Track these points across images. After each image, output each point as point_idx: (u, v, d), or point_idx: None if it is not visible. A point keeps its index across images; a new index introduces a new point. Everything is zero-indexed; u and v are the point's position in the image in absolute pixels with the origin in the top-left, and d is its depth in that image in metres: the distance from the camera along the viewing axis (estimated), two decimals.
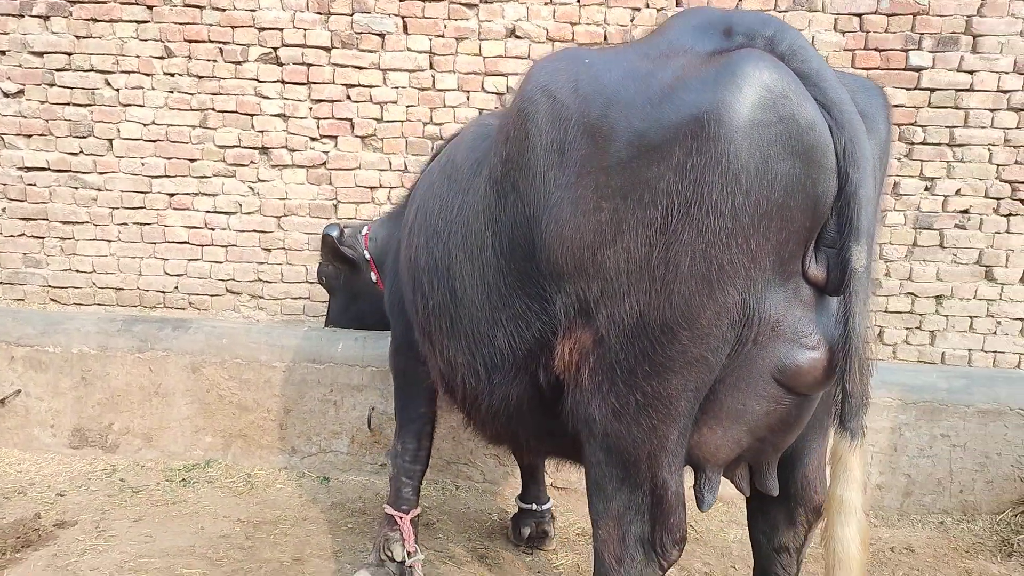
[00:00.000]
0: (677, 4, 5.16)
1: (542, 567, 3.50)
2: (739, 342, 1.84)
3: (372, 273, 4.11)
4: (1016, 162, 5.13)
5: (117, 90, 5.39)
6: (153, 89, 5.40)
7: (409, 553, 3.04)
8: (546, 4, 5.22)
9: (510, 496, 4.17)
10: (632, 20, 5.21)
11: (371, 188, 5.48)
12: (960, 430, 4.03)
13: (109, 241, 5.52)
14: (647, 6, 5.19)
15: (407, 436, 3.19)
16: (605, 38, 5.21)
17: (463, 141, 2.50)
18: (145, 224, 5.52)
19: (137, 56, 5.36)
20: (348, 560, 3.39)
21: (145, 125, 5.42)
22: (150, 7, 5.31)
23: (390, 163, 5.45)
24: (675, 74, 1.82)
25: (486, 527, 3.86)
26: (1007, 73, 5.06)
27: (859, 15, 5.12)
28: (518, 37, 5.27)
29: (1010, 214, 5.17)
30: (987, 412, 4.02)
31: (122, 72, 5.38)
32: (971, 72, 5.09)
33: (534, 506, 3.62)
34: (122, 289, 5.55)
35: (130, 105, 5.41)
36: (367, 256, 4.10)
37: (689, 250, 1.74)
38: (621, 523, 2.02)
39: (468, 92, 5.34)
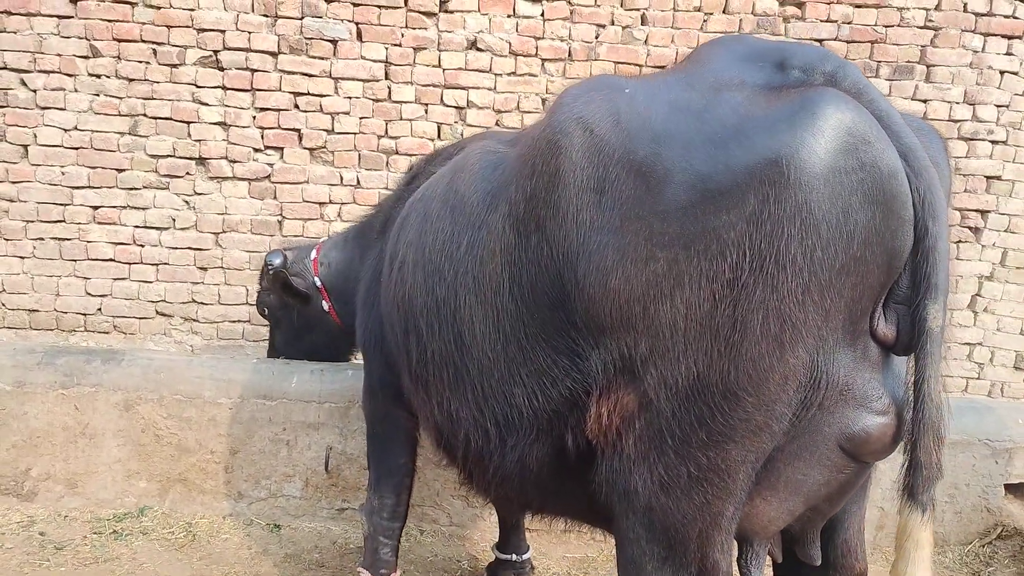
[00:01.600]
0: (643, 23, 5.04)
1: None
2: (804, 407, 1.67)
3: (324, 302, 3.78)
4: (965, 190, 5.24)
5: (34, 91, 4.87)
6: (76, 91, 4.90)
7: None
8: (509, 16, 5.01)
9: (479, 540, 3.92)
10: (597, 37, 5.06)
11: (320, 204, 5.13)
12: None
13: (22, 258, 4.97)
14: (612, 23, 5.05)
15: (384, 490, 2.88)
16: (569, 54, 5.05)
17: (467, 169, 2.24)
18: (64, 239, 4.99)
19: (58, 55, 4.85)
20: None
21: (66, 131, 4.91)
22: (73, 1, 4.82)
23: (341, 177, 5.12)
24: (736, 111, 1.64)
25: None
26: (958, 103, 5.17)
27: (820, 41, 5.12)
28: (479, 49, 5.03)
29: (959, 241, 5.27)
30: (956, 443, 4.02)
31: (40, 72, 4.86)
32: (924, 101, 5.17)
33: (513, 556, 3.38)
34: (36, 311, 5.01)
35: (49, 108, 4.89)
36: (317, 284, 3.77)
37: (761, 307, 1.55)
38: None
39: (426, 105, 5.07)
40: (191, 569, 3.39)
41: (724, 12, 5.06)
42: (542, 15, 5.01)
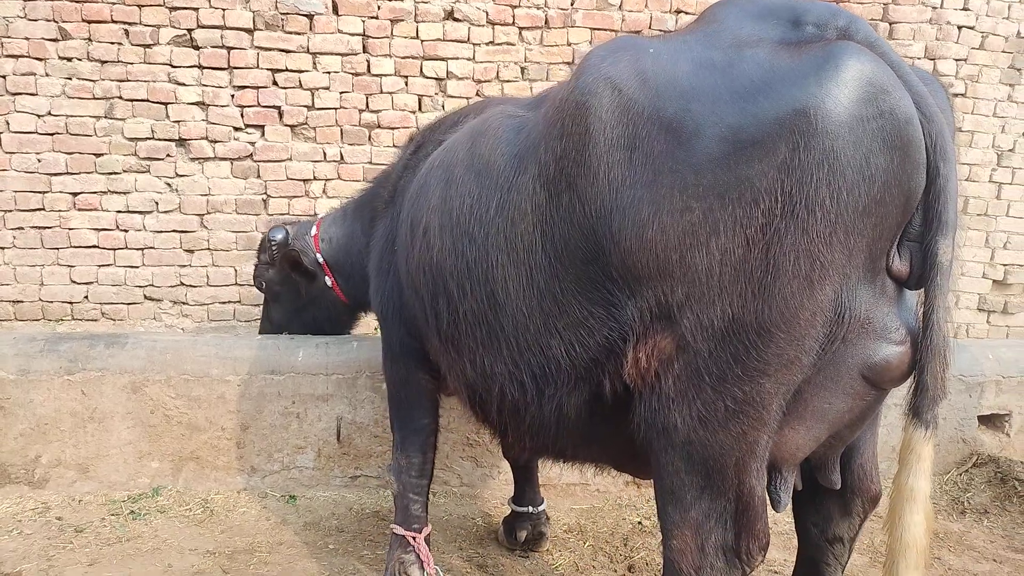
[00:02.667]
0: None
1: (542, 569, 3.40)
2: (830, 340, 1.80)
3: (327, 278, 3.84)
4: None
5: (3, 77, 4.76)
6: (47, 76, 4.81)
7: (430, 575, 2.85)
8: None
9: (490, 498, 4.05)
10: (572, 4, 5.14)
11: (304, 181, 5.14)
12: None
13: (3, 248, 4.90)
14: None
15: (411, 449, 2.98)
16: (546, 22, 5.11)
17: (489, 133, 2.31)
18: (45, 228, 4.93)
19: (26, 38, 4.75)
20: None
21: (40, 116, 4.83)
22: None
23: (324, 153, 5.13)
24: (761, 66, 1.74)
25: (474, 533, 3.71)
26: (919, 59, 5.38)
27: None
28: (457, 20, 5.07)
29: None
30: None
31: (8, 56, 4.76)
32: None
33: (530, 508, 3.50)
34: (20, 302, 4.95)
35: (20, 94, 4.80)
36: (319, 260, 3.84)
37: (793, 249, 1.68)
38: (700, 532, 1.94)
39: (406, 77, 5.09)
40: (214, 542, 3.45)
41: None
42: None
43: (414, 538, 2.90)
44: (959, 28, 5.33)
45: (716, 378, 1.81)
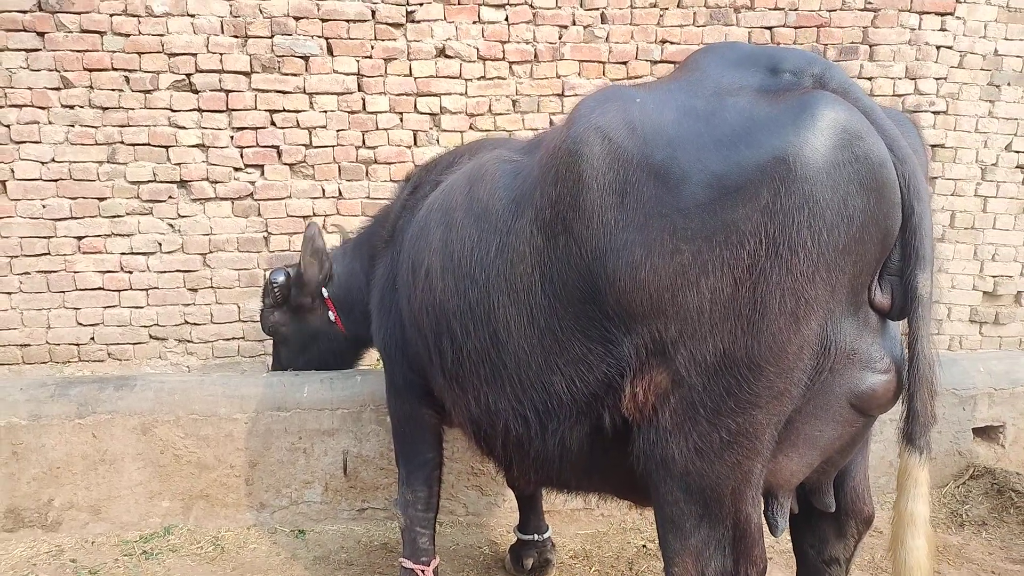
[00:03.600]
0: (603, 21, 5.26)
1: None
2: (817, 372, 1.89)
3: (330, 312, 3.94)
4: None
5: (7, 126, 4.88)
6: (51, 123, 4.92)
7: None
8: (475, 23, 5.18)
9: (496, 526, 4.11)
10: (560, 37, 5.27)
11: (304, 217, 5.24)
12: None
13: (9, 293, 4.98)
14: (574, 23, 5.27)
15: (417, 483, 3.05)
16: (535, 55, 5.24)
17: (486, 179, 2.41)
18: (51, 272, 5.02)
19: (29, 88, 4.87)
20: None
21: (44, 163, 4.94)
22: (41, 34, 4.84)
23: (323, 190, 5.24)
24: (742, 114, 1.84)
25: (480, 562, 3.78)
26: (900, 79, 5.52)
27: (770, 28, 5.42)
28: (448, 57, 5.20)
29: None
30: None
31: (12, 106, 4.87)
32: (870, 79, 5.50)
33: (535, 536, 3.57)
34: (28, 345, 5.03)
35: (24, 142, 4.90)
36: (325, 295, 3.94)
37: (778, 288, 1.77)
38: (700, 559, 2.02)
39: (401, 114, 5.22)
40: None
41: (679, 7, 5.31)
42: (506, 20, 5.20)
43: (423, 571, 2.97)
44: (937, 48, 5.48)
45: (711, 411, 1.90)
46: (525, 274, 2.17)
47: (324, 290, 3.94)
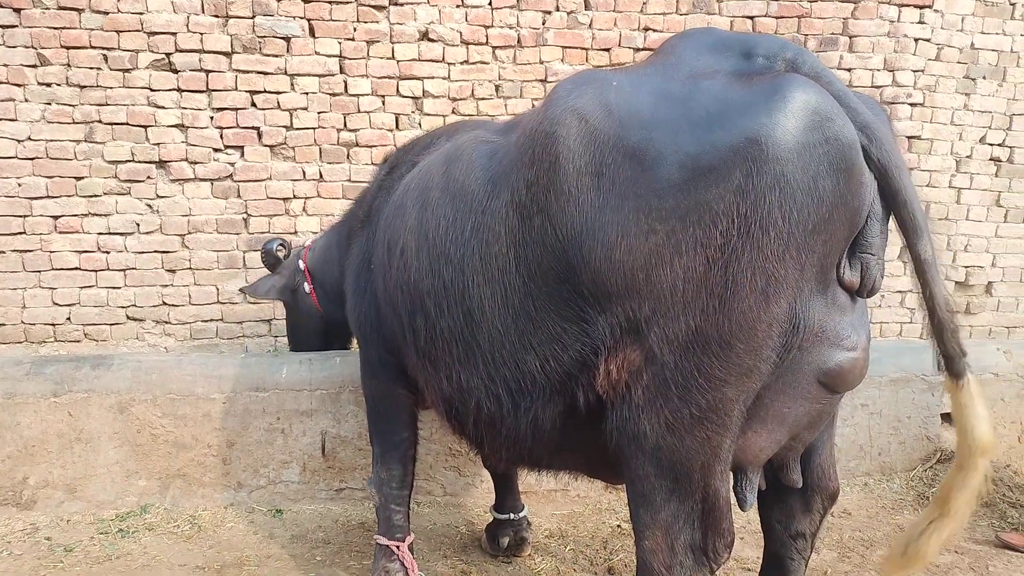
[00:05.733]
0: (586, 8, 5.27)
1: (525, 574, 3.51)
2: (786, 349, 1.94)
3: (305, 284, 3.97)
4: None
5: None
6: (27, 101, 4.86)
7: None
8: (458, 7, 5.17)
9: (473, 507, 4.15)
10: (544, 23, 5.27)
11: (284, 200, 5.22)
12: (876, 399, 4.42)
13: None
14: (557, 9, 5.27)
15: (391, 462, 3.07)
16: (519, 40, 5.24)
17: (463, 159, 2.43)
18: (27, 251, 4.97)
19: (5, 65, 4.80)
20: None
21: (20, 141, 4.87)
22: (17, 10, 4.77)
23: (304, 172, 5.22)
24: (715, 96, 1.88)
25: (457, 542, 3.81)
26: (879, 70, 5.58)
27: (751, 17, 5.45)
28: (431, 40, 5.19)
29: None
30: (897, 380, 4.43)
31: None
32: (849, 70, 5.55)
33: (511, 515, 3.61)
34: (3, 325, 4.98)
35: (0, 120, 4.83)
36: (301, 267, 3.96)
37: (749, 267, 1.81)
38: (670, 532, 2.07)
39: (383, 97, 5.20)
40: (203, 557, 3.52)
41: None
42: (490, 4, 5.19)
43: (398, 547, 3.00)
44: (916, 40, 5.54)
45: (682, 387, 1.94)
46: (500, 254, 2.19)
47: (301, 262, 3.94)
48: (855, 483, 4.44)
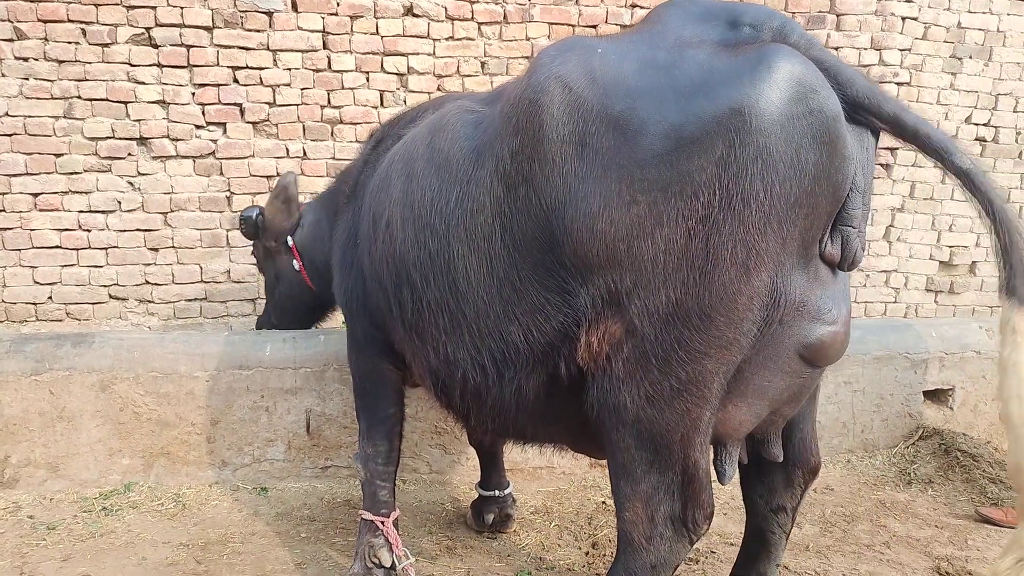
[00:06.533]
0: None
1: (510, 549, 3.52)
2: (767, 323, 1.93)
3: (295, 261, 3.89)
4: None
5: None
6: (4, 76, 4.78)
7: (399, 557, 2.95)
8: None
9: (459, 484, 4.16)
10: None
11: (267, 177, 5.17)
12: (859, 376, 4.45)
13: None
14: None
15: (377, 437, 3.06)
16: (504, 17, 5.19)
17: (448, 128, 2.40)
18: (6, 229, 4.91)
19: None
20: (314, 572, 3.24)
21: None
22: None
23: (287, 150, 5.17)
24: (701, 66, 1.86)
25: (443, 518, 3.82)
26: (866, 49, 5.57)
27: None
28: (416, 16, 5.13)
29: (874, 177, 5.72)
30: (880, 358, 4.46)
31: None
32: (836, 48, 5.54)
33: (496, 492, 3.62)
34: None
35: None
36: (291, 243, 3.88)
37: (730, 239, 1.80)
38: (650, 504, 2.07)
39: (367, 73, 5.15)
40: (187, 535, 3.51)
41: None
42: None
43: (382, 522, 3.00)
44: (903, 19, 5.53)
45: (661, 360, 1.94)
46: (485, 224, 2.18)
47: (290, 238, 3.87)
48: (838, 460, 4.48)
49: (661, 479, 2.05)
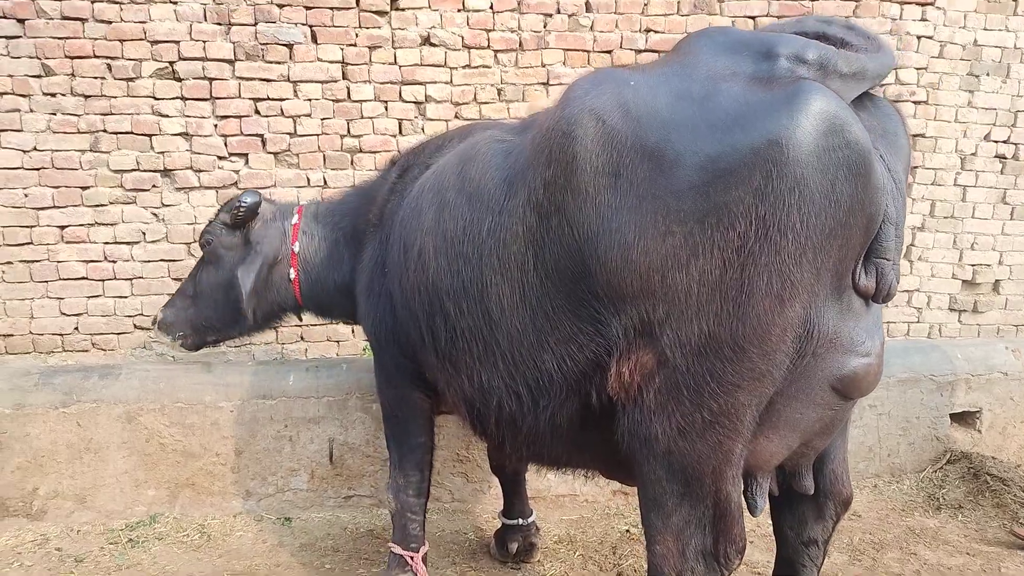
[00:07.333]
0: (587, 10, 5.27)
1: None
2: (800, 355, 1.93)
3: (291, 270, 3.59)
4: None
5: None
6: (32, 111, 4.87)
7: None
8: (460, 11, 5.17)
9: (481, 513, 4.14)
10: (545, 26, 5.27)
11: None
12: (884, 399, 4.41)
13: None
14: (558, 11, 5.27)
15: (409, 467, 3.06)
16: (520, 44, 5.24)
17: (479, 159, 2.41)
18: (34, 261, 4.98)
19: (9, 76, 4.81)
20: None
21: (25, 152, 4.89)
22: (21, 21, 4.78)
23: (308, 179, 5.22)
24: (736, 99, 1.87)
25: (466, 548, 3.81)
26: None
27: (753, 17, 5.45)
28: (433, 45, 5.19)
29: None
30: (905, 381, 4.42)
31: None
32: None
33: (519, 520, 3.61)
34: (11, 335, 4.98)
35: (5, 130, 4.85)
36: (295, 250, 3.59)
37: (766, 270, 1.81)
38: (681, 537, 2.06)
39: (386, 102, 5.20)
40: (212, 567, 3.52)
41: None
42: (491, 8, 5.19)
43: (412, 557, 2.99)
44: (918, 38, 5.52)
45: (694, 391, 1.93)
46: (518, 253, 2.19)
47: (295, 245, 3.59)
48: (864, 484, 4.43)
49: (692, 512, 2.04)
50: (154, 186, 5.05)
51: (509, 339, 2.25)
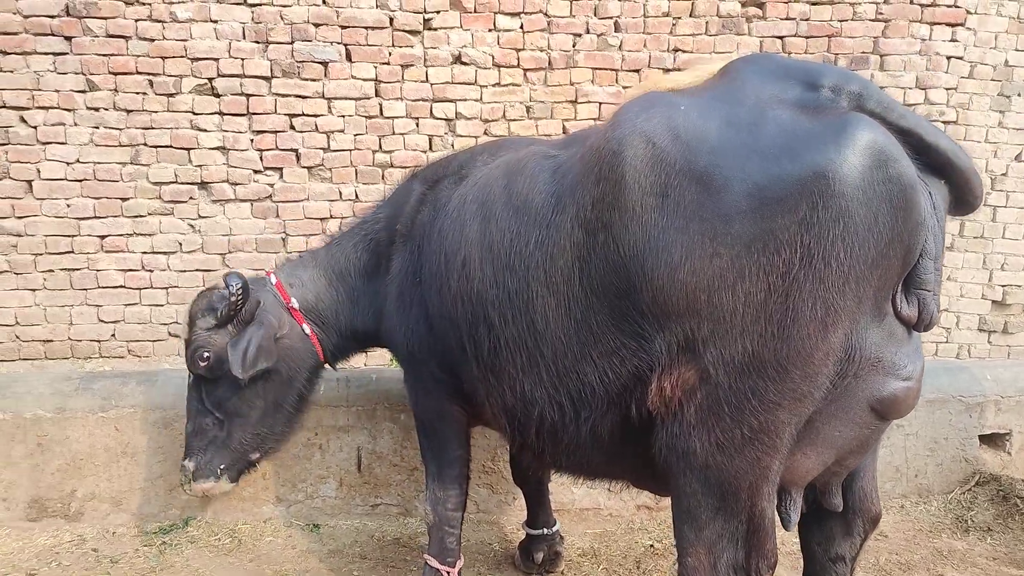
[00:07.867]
0: (616, 30, 5.35)
1: None
2: (841, 376, 1.98)
3: (303, 326, 3.36)
4: None
5: (34, 127, 4.99)
6: (76, 125, 5.04)
7: None
8: (490, 31, 5.27)
9: (506, 524, 4.18)
10: (574, 45, 5.35)
11: (321, 219, 5.33)
12: (912, 419, 4.39)
13: (33, 290, 5.09)
14: (587, 31, 5.35)
15: (447, 480, 3.09)
16: (549, 63, 5.33)
17: (526, 173, 2.46)
18: (74, 270, 5.13)
19: (56, 91, 4.99)
20: None
21: (69, 164, 5.05)
22: (68, 38, 4.96)
23: (340, 193, 5.33)
24: (784, 128, 1.92)
25: (491, 558, 3.85)
26: (911, 89, 5.57)
27: (781, 38, 5.49)
28: (464, 63, 5.29)
29: None
30: (933, 401, 4.40)
31: (39, 108, 4.99)
32: (880, 88, 5.53)
33: (544, 531, 3.64)
34: (51, 341, 5.13)
35: (50, 143, 5.02)
36: (294, 305, 3.36)
37: (810, 296, 1.86)
38: (713, 551, 2.10)
39: (417, 119, 5.31)
40: (244, 571, 3.59)
41: (691, 16, 5.39)
42: (521, 28, 5.29)
43: (448, 572, 3.03)
44: (948, 59, 5.53)
45: (735, 408, 1.98)
46: (564, 267, 2.24)
47: (294, 300, 3.35)
48: (891, 505, 4.41)
49: (726, 526, 2.07)
50: (191, 198, 5.19)
51: (553, 350, 2.31)
